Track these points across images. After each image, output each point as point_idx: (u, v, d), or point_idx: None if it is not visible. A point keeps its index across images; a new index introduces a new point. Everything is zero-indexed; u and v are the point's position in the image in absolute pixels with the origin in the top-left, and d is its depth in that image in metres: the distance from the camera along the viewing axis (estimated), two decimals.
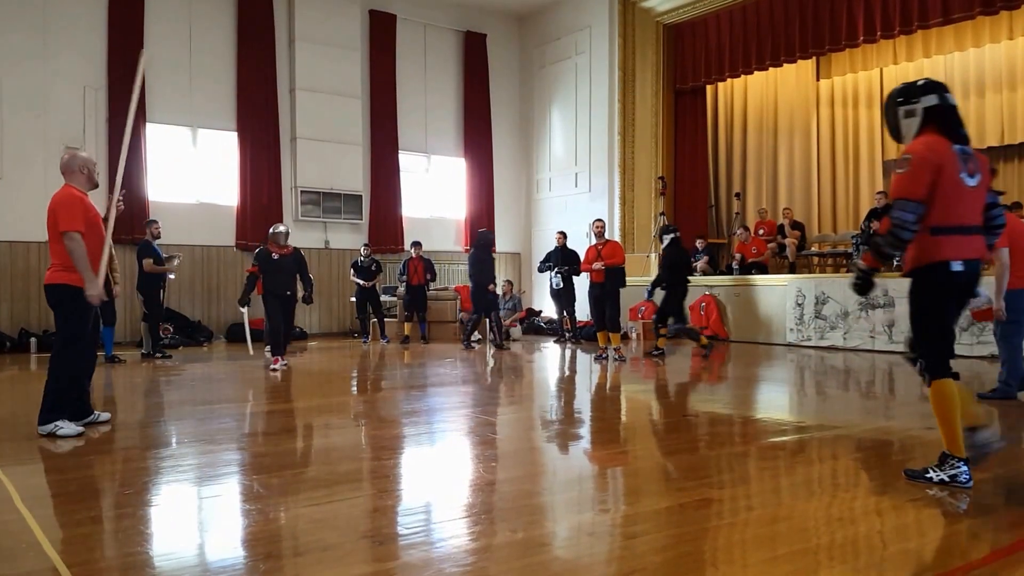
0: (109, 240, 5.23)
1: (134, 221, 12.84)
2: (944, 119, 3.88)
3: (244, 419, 6.33)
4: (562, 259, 12.78)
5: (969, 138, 3.95)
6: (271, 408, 6.92)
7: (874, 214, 12.86)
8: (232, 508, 3.77)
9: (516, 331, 14.22)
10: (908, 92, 3.96)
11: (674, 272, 10.77)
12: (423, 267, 13.56)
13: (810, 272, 14.27)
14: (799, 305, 12.32)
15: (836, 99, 16.45)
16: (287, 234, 9.61)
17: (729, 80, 15.36)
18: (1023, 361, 6.48)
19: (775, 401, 7.46)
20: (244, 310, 9.23)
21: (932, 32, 13.07)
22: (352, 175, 15.75)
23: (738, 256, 13.85)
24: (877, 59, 15.01)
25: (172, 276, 11.40)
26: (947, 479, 3.83)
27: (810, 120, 16.30)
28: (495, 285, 12.62)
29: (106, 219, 5.38)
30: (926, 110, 3.89)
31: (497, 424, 5.98)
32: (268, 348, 10.15)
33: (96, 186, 5.39)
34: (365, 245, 14.06)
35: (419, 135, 16.93)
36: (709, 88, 15.82)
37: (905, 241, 3.78)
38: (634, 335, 13.94)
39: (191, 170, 14.40)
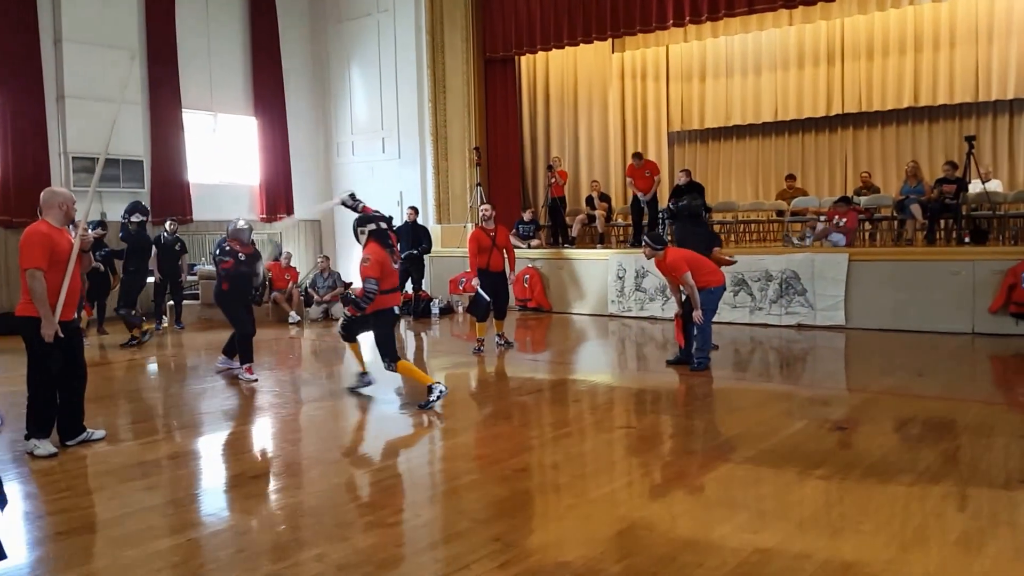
0: (69, 273, 5.32)
1: None
2: (378, 236, 6.78)
3: None
4: (413, 236, 12.41)
5: (395, 246, 6.97)
6: None
7: (677, 192, 13.72)
8: None
9: (338, 308, 13.63)
10: (361, 222, 6.85)
11: (139, 257, 10.88)
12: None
13: (618, 243, 15.03)
14: (620, 278, 12.96)
15: (627, 72, 17.22)
16: (251, 231, 8.57)
17: (535, 52, 15.46)
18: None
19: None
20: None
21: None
22: (131, 138, 14.00)
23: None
24: (669, 37, 15.82)
25: None
26: (435, 398, 6.56)
27: (607, 93, 16.93)
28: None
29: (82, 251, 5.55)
30: (370, 232, 6.78)
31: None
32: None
33: (72, 222, 5.59)
34: (171, 220, 12.66)
35: (204, 91, 15.38)
36: (518, 59, 15.82)
37: (371, 301, 6.60)
38: (460, 309, 13.97)
39: None
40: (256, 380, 8.11)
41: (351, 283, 15.13)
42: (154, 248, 12.30)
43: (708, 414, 6.58)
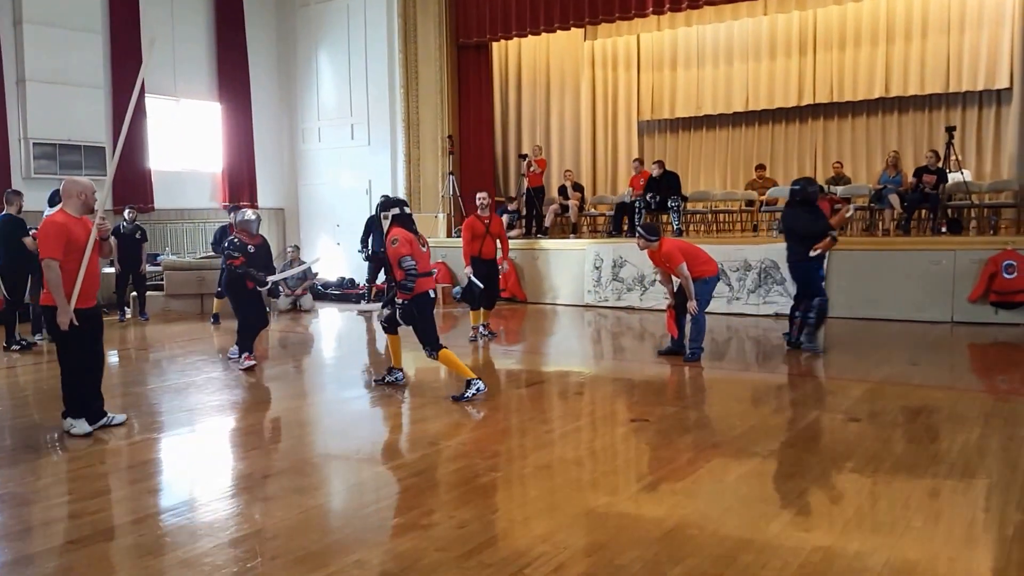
0: (85, 261, 5.38)
1: None
2: (402, 220, 6.69)
3: None
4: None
5: (416, 229, 6.79)
6: None
7: (651, 183, 13.67)
8: None
9: (307, 300, 13.33)
10: (384, 206, 6.86)
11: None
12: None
13: (591, 232, 14.94)
14: (597, 268, 12.87)
15: (598, 61, 17.09)
16: (259, 221, 8.54)
17: (509, 38, 15.22)
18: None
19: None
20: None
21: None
22: (93, 124, 13.47)
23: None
24: (641, 26, 15.70)
25: None
26: (471, 395, 6.41)
27: (579, 81, 16.79)
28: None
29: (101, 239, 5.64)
30: (393, 216, 6.69)
31: None
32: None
33: (91, 211, 5.59)
34: (130, 208, 12.19)
35: (167, 76, 14.80)
36: (491, 45, 15.55)
37: (415, 278, 6.40)
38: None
39: None
40: (249, 367, 7.97)
41: (317, 273, 14.80)
42: (113, 238, 11.90)
43: (717, 406, 6.52)
